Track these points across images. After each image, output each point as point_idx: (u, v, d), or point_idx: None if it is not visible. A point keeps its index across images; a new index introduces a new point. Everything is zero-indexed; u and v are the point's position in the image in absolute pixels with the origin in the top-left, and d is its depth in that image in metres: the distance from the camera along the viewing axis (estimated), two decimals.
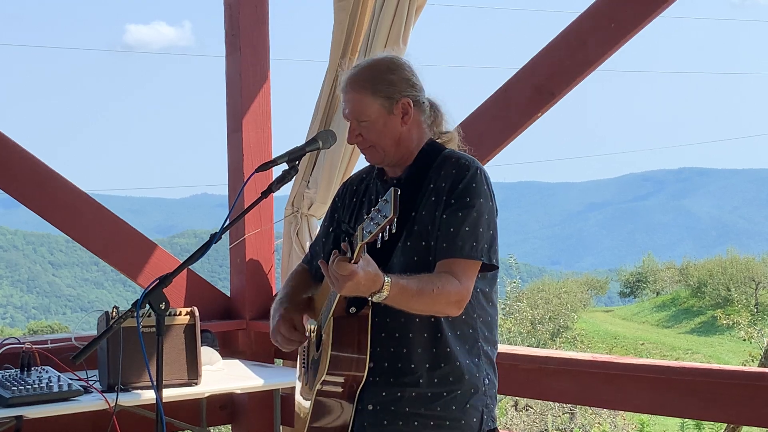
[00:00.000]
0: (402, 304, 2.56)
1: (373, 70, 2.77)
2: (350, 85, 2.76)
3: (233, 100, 4.87)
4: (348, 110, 2.77)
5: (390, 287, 2.46)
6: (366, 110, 2.73)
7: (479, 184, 2.68)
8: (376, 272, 2.44)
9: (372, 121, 2.73)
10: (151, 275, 4.51)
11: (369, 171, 2.95)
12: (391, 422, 2.71)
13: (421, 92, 2.79)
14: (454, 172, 2.70)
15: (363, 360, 2.65)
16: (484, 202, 2.68)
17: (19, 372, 3.80)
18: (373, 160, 2.83)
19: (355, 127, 2.77)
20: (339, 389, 2.70)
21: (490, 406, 2.78)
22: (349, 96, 2.76)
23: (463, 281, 2.61)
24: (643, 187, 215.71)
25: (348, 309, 2.65)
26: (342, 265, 2.38)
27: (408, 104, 2.75)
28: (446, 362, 2.70)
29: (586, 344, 24.33)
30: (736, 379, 3.39)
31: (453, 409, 2.71)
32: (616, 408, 10.29)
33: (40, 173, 4.50)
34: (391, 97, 2.73)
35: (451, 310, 2.64)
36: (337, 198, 3.01)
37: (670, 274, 35.86)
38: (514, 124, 4.04)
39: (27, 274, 70.60)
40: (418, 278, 2.57)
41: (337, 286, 2.43)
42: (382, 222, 2.30)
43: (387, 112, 2.74)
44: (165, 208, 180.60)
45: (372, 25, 4.25)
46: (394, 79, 2.75)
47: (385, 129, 2.74)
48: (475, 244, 2.64)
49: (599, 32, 3.78)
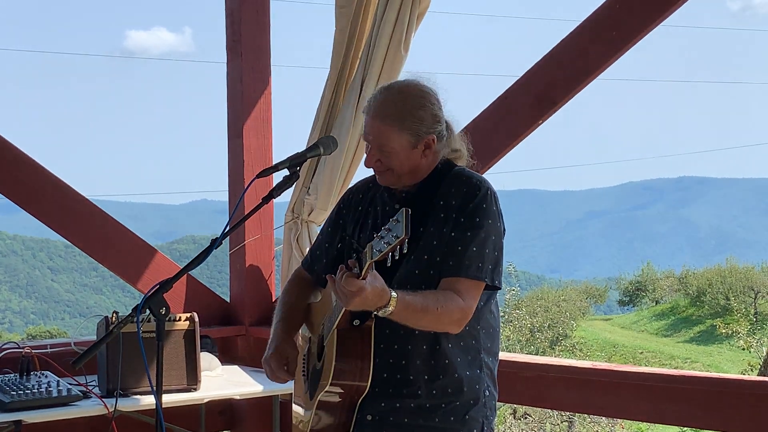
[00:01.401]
0: (405, 320, 2.58)
1: (405, 104, 2.72)
2: (378, 115, 2.72)
3: (234, 106, 4.87)
4: (371, 137, 2.74)
5: (396, 303, 2.49)
6: (390, 143, 2.72)
7: (489, 205, 2.70)
8: (383, 288, 2.46)
9: (395, 153, 2.72)
10: (151, 281, 4.52)
11: (375, 180, 2.94)
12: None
13: (443, 123, 2.78)
14: (465, 191, 2.71)
15: (366, 372, 2.66)
16: (492, 223, 2.69)
17: (19, 377, 3.80)
18: (385, 182, 2.81)
19: (375, 153, 2.75)
20: (340, 400, 2.70)
21: (490, 418, 2.79)
22: (375, 124, 2.73)
23: (467, 300, 2.63)
24: (643, 195, 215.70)
25: (352, 321, 2.66)
26: (350, 282, 2.39)
27: (432, 141, 2.75)
28: (445, 374, 2.71)
29: (585, 353, 24.33)
30: (736, 388, 3.39)
31: (451, 421, 2.71)
32: (615, 416, 10.29)
33: (40, 178, 4.50)
34: (418, 135, 2.72)
35: (451, 328, 2.66)
36: (342, 204, 3.00)
37: (669, 282, 35.83)
38: (514, 132, 4.05)
39: (26, 279, 70.52)
40: (423, 295, 2.58)
41: (344, 301, 2.45)
42: (393, 242, 2.32)
43: (411, 147, 2.73)
44: (164, 213, 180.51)
45: (373, 32, 4.25)
46: (423, 116, 2.72)
47: (406, 160, 2.74)
48: (480, 265, 2.66)
49: (600, 41, 3.79)
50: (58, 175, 4.53)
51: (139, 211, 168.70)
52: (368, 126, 2.75)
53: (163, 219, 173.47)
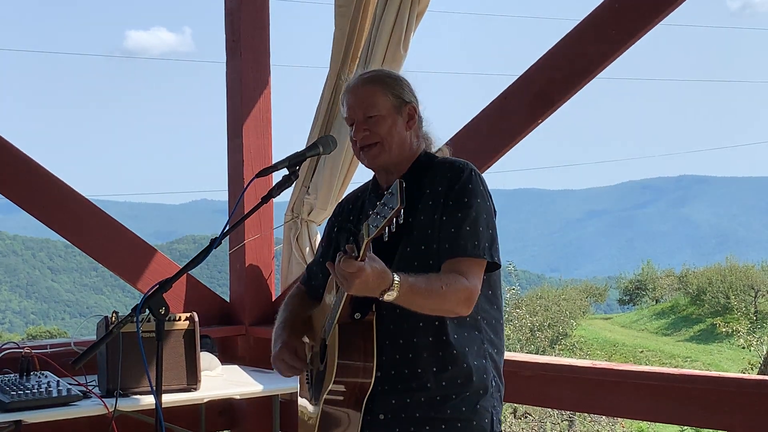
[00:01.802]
0: (411, 304, 2.54)
1: (383, 72, 2.92)
2: (361, 82, 2.82)
3: (234, 106, 4.87)
4: (356, 106, 2.79)
5: (399, 285, 2.45)
6: (377, 103, 2.77)
7: (475, 185, 2.70)
8: (383, 269, 2.42)
9: (382, 116, 2.77)
10: (151, 280, 4.52)
11: (363, 189, 2.97)
12: (403, 429, 2.70)
13: (420, 104, 2.87)
14: (450, 176, 2.72)
15: (370, 367, 2.64)
16: (481, 201, 2.70)
17: (18, 377, 3.80)
18: (374, 160, 2.81)
19: (362, 121, 2.78)
20: (346, 398, 2.67)
21: (498, 409, 2.78)
22: (358, 91, 2.80)
23: (470, 279, 2.61)
24: (643, 194, 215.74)
25: (353, 315, 2.64)
26: (349, 263, 2.36)
27: (413, 109, 2.82)
28: (453, 364, 2.69)
29: (585, 351, 24.31)
30: (736, 386, 3.39)
31: (463, 411, 2.69)
32: (616, 415, 10.29)
33: (40, 178, 4.50)
34: (401, 98, 2.80)
35: (460, 309, 2.63)
36: (334, 218, 3.02)
37: (669, 281, 35.82)
38: (513, 131, 4.04)
39: (26, 279, 70.51)
40: (426, 277, 2.56)
41: (346, 285, 2.41)
42: (388, 214, 2.28)
43: (396, 111, 2.78)
44: (164, 213, 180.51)
45: (373, 32, 4.25)
46: (402, 84, 2.84)
47: (393, 127, 2.77)
48: (477, 242, 2.65)
49: (599, 39, 3.78)
50: (58, 175, 4.53)
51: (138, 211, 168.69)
52: (352, 98, 2.81)
53: (162, 219, 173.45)
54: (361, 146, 2.80)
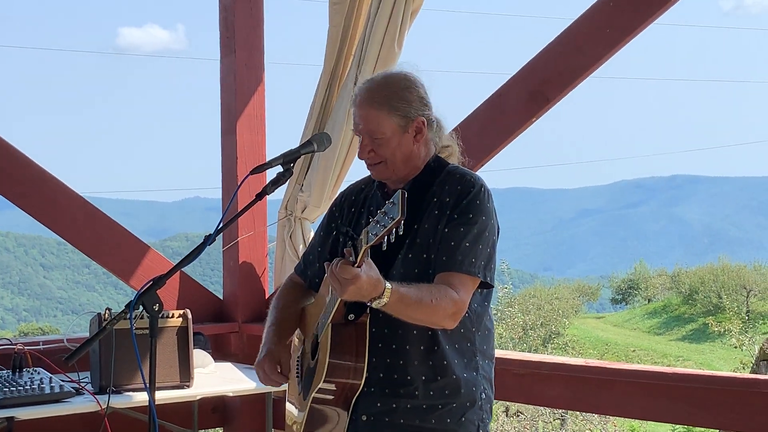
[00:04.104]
0: (400, 313, 2.55)
1: (390, 87, 2.74)
2: (366, 102, 2.73)
3: (227, 103, 4.87)
4: (362, 126, 2.74)
5: (390, 294, 2.45)
6: (381, 128, 2.71)
7: (483, 202, 2.69)
8: (378, 277, 2.43)
9: (386, 139, 2.72)
10: (144, 277, 4.51)
11: (368, 182, 2.94)
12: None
13: (431, 110, 2.79)
14: (459, 188, 2.70)
15: (360, 368, 2.65)
16: (486, 219, 2.69)
17: (11, 373, 3.79)
18: (380, 176, 2.81)
19: (367, 143, 2.75)
20: (335, 397, 2.68)
21: (486, 421, 2.79)
22: (363, 112, 2.73)
23: (461, 294, 2.61)
24: (635, 194, 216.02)
25: (347, 316, 2.64)
26: (345, 269, 2.36)
27: (422, 123, 2.75)
28: (443, 375, 2.70)
29: (578, 350, 24.35)
30: (728, 385, 3.40)
31: (448, 422, 2.70)
32: (608, 414, 10.31)
33: (33, 174, 4.48)
34: (407, 116, 2.72)
35: (447, 323, 2.63)
36: (335, 207, 2.99)
37: (661, 281, 35.92)
38: (508, 130, 4.05)
39: (18, 276, 70.40)
40: (418, 287, 2.56)
41: (339, 290, 2.41)
42: (388, 224, 2.28)
43: (402, 131, 2.72)
44: (157, 211, 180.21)
45: (367, 29, 4.25)
46: (410, 98, 2.74)
47: (398, 147, 2.73)
48: (474, 260, 2.64)
49: (594, 38, 3.79)
50: (50, 172, 4.52)
51: (131, 208, 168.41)
52: (357, 116, 2.76)
53: (155, 216, 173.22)
54: (367, 164, 2.80)
